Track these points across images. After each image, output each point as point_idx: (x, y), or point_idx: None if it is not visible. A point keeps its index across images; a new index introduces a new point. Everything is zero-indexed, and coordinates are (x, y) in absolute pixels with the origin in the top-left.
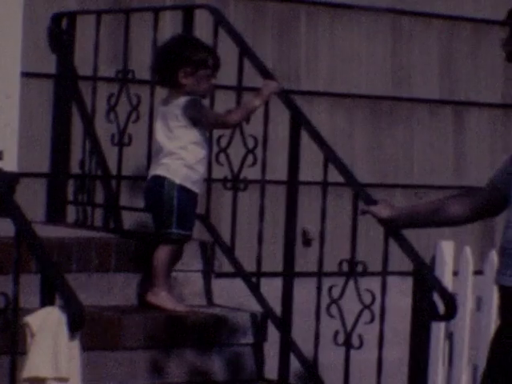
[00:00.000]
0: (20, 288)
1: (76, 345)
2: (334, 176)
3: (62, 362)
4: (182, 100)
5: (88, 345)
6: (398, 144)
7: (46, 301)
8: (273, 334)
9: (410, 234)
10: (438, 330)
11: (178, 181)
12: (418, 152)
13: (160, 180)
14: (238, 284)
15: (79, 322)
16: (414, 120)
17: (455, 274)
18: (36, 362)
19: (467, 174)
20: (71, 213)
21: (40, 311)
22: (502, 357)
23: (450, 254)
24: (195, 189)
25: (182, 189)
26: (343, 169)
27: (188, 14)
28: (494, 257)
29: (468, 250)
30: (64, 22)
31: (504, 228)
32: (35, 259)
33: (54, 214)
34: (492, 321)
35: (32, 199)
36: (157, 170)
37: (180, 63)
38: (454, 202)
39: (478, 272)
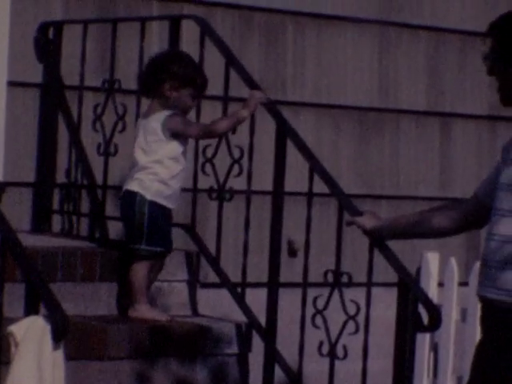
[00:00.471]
0: (4, 297)
1: (60, 354)
2: (320, 187)
3: (45, 372)
4: (163, 114)
5: (73, 354)
6: (384, 155)
7: (31, 310)
8: (257, 345)
9: (395, 245)
10: (423, 341)
11: (149, 196)
12: (404, 163)
13: (132, 195)
14: (223, 294)
15: (63, 331)
16: (401, 131)
17: (440, 285)
18: (20, 372)
19: (453, 185)
20: (57, 222)
21: (24, 320)
22: (484, 370)
23: (435, 266)
24: (169, 204)
25: (154, 204)
26: (328, 179)
27: (175, 24)
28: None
29: (453, 262)
30: (51, 32)
31: (485, 240)
32: (20, 268)
33: (40, 224)
34: (477, 332)
35: (18, 208)
36: (129, 185)
37: (168, 76)
38: (439, 213)
39: (463, 283)
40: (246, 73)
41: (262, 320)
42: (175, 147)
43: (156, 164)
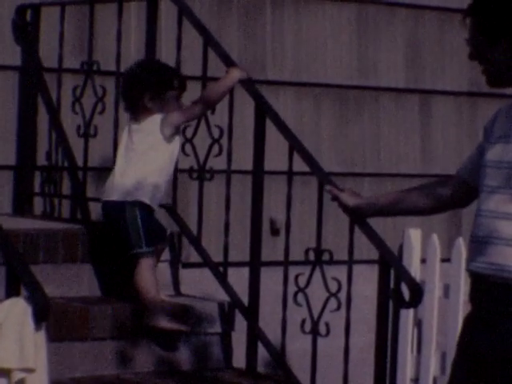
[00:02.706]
0: None
1: (42, 335)
2: (301, 165)
3: (27, 353)
4: (157, 117)
5: (55, 336)
6: (364, 133)
7: (12, 292)
8: (240, 324)
9: (377, 222)
10: (407, 317)
11: (143, 200)
12: (384, 141)
13: (120, 204)
14: (206, 274)
15: (44, 312)
16: (381, 108)
17: (423, 261)
18: (1, 353)
19: (434, 161)
20: (38, 204)
21: (5, 302)
22: (473, 343)
23: (417, 242)
24: (153, 205)
25: (141, 204)
26: (308, 157)
27: (152, 4)
28: (461, 244)
29: (435, 238)
30: (28, 14)
31: (475, 216)
32: (0, 251)
33: (21, 206)
34: (460, 308)
35: None
36: (118, 194)
37: (145, 88)
38: (422, 192)
39: (446, 260)
40: (223, 52)
41: (245, 299)
42: (175, 147)
43: (152, 169)
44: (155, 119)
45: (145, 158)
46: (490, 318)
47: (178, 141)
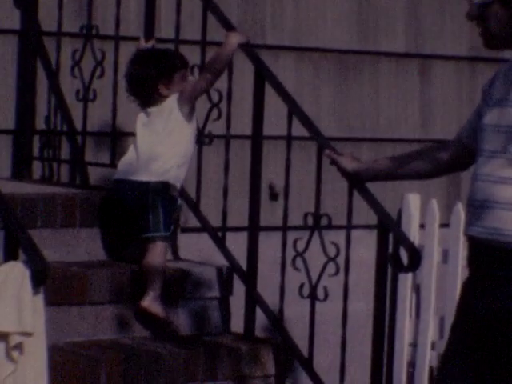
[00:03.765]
0: None
1: (40, 299)
2: (300, 130)
3: (25, 317)
4: (173, 97)
5: (54, 300)
6: (364, 98)
7: (10, 256)
8: (239, 288)
9: (375, 187)
10: (405, 282)
11: (169, 180)
12: (384, 105)
13: (143, 185)
14: (204, 239)
15: (43, 276)
16: (380, 73)
17: (422, 226)
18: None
19: (433, 126)
20: (37, 169)
21: (3, 266)
22: (471, 307)
23: (416, 207)
24: (178, 185)
25: (167, 188)
26: (307, 122)
27: None
28: (460, 209)
29: (434, 203)
30: None
31: (471, 180)
32: None
33: (20, 171)
34: (458, 273)
35: None
36: (141, 176)
37: (157, 80)
38: (421, 156)
39: (445, 225)
40: (223, 16)
41: (243, 264)
42: (194, 127)
43: (177, 150)
44: (172, 100)
45: (169, 140)
46: (488, 282)
47: (195, 120)
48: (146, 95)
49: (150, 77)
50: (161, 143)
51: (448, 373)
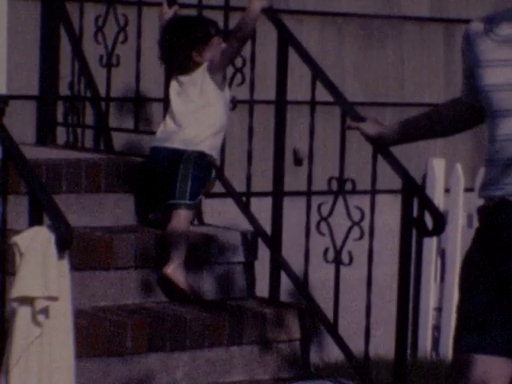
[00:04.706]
0: (8, 209)
1: (65, 264)
2: (324, 95)
3: (51, 282)
4: (203, 67)
5: (79, 265)
6: (388, 62)
7: (34, 221)
8: (264, 253)
9: (400, 151)
10: (430, 246)
11: (204, 150)
12: (408, 70)
13: (178, 152)
14: (229, 204)
15: (67, 240)
16: (404, 38)
17: (447, 191)
18: (25, 282)
19: (457, 91)
20: (61, 135)
21: (28, 231)
22: (487, 262)
23: (441, 172)
24: (215, 155)
25: (203, 157)
26: (331, 86)
27: None
28: None
29: (459, 167)
30: None
31: (490, 142)
32: (22, 179)
33: (44, 136)
34: None
35: (22, 122)
36: (175, 143)
37: (191, 47)
38: (438, 114)
39: (469, 189)
40: None
41: (268, 229)
42: (227, 95)
43: (213, 120)
44: (203, 69)
45: (204, 109)
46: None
47: (227, 89)
48: (180, 63)
49: (185, 44)
50: (197, 112)
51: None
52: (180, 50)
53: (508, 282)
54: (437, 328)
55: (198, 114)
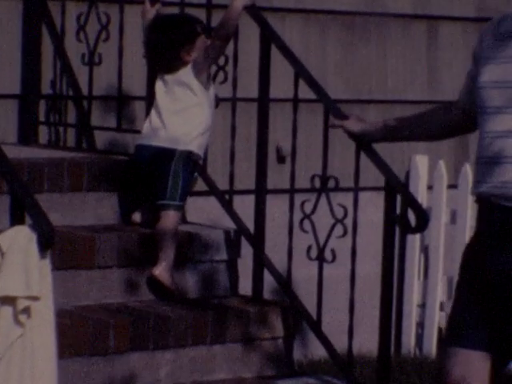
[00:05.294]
0: None
1: (47, 263)
2: (307, 92)
3: (32, 281)
4: (188, 66)
5: (62, 264)
6: (371, 60)
7: (16, 221)
8: (246, 251)
9: (384, 149)
10: (414, 243)
11: (193, 149)
12: (391, 67)
13: (167, 152)
14: (212, 202)
15: (49, 240)
16: (387, 35)
17: (430, 188)
18: (6, 281)
19: (441, 88)
20: (43, 133)
21: (9, 230)
22: (480, 263)
23: (424, 168)
24: (201, 153)
25: (188, 157)
26: (314, 84)
27: None
28: (468, 170)
29: (442, 164)
30: None
31: (479, 139)
32: (4, 179)
33: (26, 135)
34: (466, 233)
35: (3, 121)
36: (163, 142)
37: (179, 45)
38: (427, 118)
39: (453, 186)
40: None
41: (251, 227)
42: (211, 94)
43: (200, 119)
44: (188, 69)
45: (193, 109)
46: (497, 238)
47: (212, 87)
48: (168, 62)
49: (172, 43)
50: (184, 111)
51: (458, 327)
52: (168, 48)
53: (489, 279)
54: (420, 325)
55: (185, 113)
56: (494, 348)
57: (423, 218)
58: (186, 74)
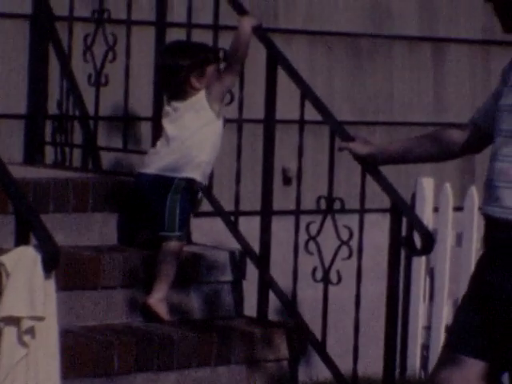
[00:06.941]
0: None
1: (51, 284)
2: (313, 114)
3: (37, 301)
4: (201, 94)
5: (66, 284)
6: (377, 81)
7: (21, 241)
8: (252, 272)
9: (389, 170)
10: (419, 265)
11: (195, 177)
12: (397, 89)
13: (167, 180)
14: (217, 223)
15: (54, 260)
16: (394, 57)
17: (435, 210)
18: (11, 302)
19: (447, 110)
20: (49, 154)
21: (14, 250)
22: (485, 284)
23: (430, 191)
24: (205, 182)
25: (192, 184)
26: (320, 106)
27: None
28: (473, 193)
29: (448, 187)
30: None
31: (490, 161)
32: (9, 199)
33: (32, 155)
34: (472, 256)
35: (10, 141)
36: (168, 170)
37: (189, 72)
38: (434, 139)
39: (458, 208)
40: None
41: (256, 248)
42: (221, 121)
43: (207, 146)
44: (201, 94)
45: (200, 137)
46: (504, 260)
47: (222, 115)
48: (177, 87)
49: (183, 68)
50: (192, 139)
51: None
52: (178, 73)
53: (489, 294)
54: (426, 347)
55: (193, 141)
56: (490, 357)
57: (429, 241)
58: (199, 100)
